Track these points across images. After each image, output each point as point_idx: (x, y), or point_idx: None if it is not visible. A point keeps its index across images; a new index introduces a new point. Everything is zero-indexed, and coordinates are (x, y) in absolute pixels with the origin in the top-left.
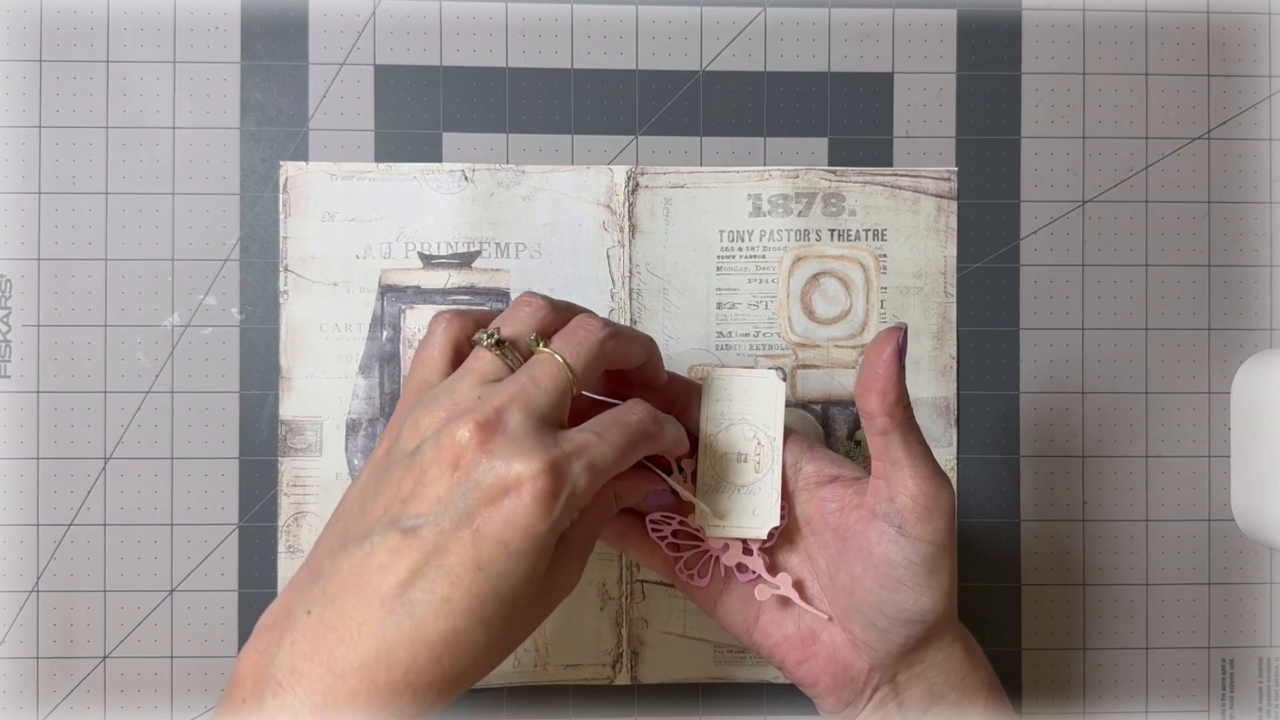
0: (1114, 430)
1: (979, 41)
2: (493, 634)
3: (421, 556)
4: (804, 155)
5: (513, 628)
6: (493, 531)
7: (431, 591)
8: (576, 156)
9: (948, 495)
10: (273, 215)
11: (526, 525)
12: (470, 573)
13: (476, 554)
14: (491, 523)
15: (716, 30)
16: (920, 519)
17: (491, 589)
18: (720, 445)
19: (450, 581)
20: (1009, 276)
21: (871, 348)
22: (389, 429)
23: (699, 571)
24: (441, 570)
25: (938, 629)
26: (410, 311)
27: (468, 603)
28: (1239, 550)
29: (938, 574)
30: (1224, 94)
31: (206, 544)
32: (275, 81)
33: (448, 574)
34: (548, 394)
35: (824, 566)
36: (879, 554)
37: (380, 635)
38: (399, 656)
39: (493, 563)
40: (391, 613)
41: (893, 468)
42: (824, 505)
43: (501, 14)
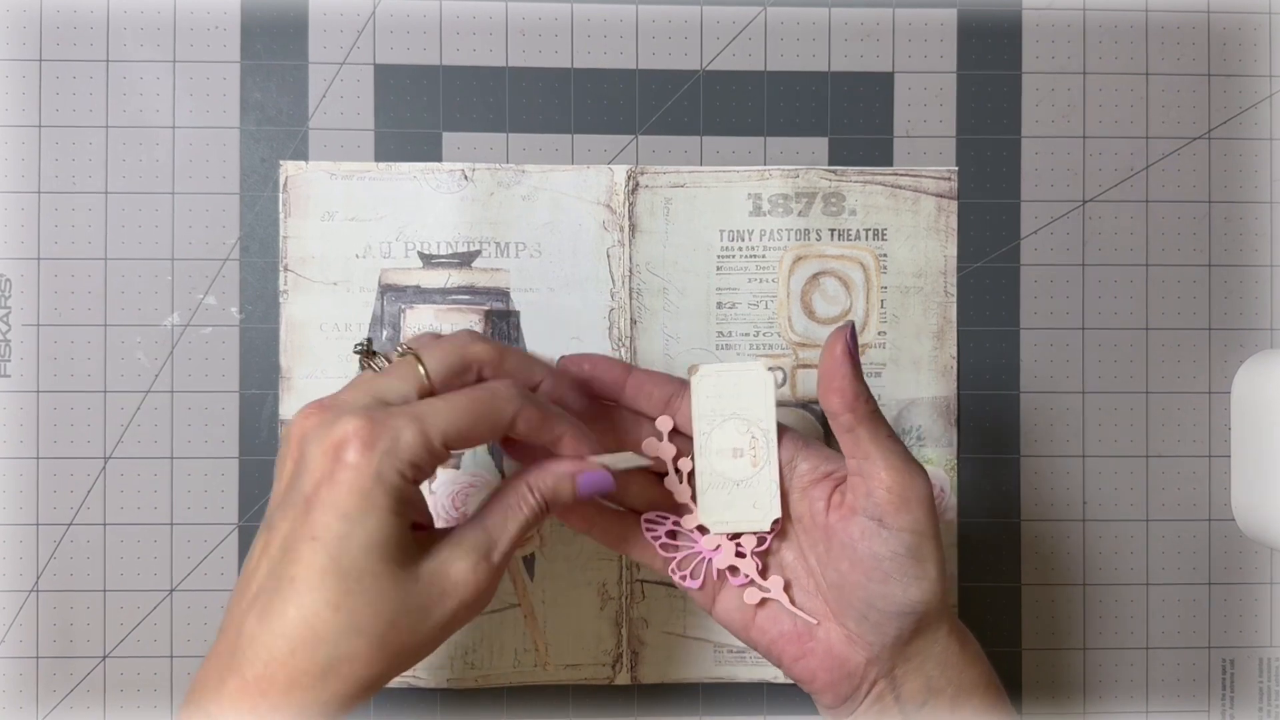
0: (1114, 430)
1: (979, 41)
2: (347, 619)
3: (272, 544)
4: (804, 155)
5: (374, 617)
6: (324, 498)
7: (278, 576)
8: (576, 156)
9: (922, 483)
10: (272, 215)
11: (351, 482)
12: (306, 544)
13: (310, 524)
14: (321, 491)
15: (716, 30)
16: (898, 509)
17: (329, 559)
18: (715, 443)
19: (290, 559)
20: (1009, 276)
21: (824, 350)
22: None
23: (692, 573)
24: (283, 550)
25: (931, 619)
26: (410, 311)
27: (309, 578)
28: (1239, 550)
29: (923, 563)
30: (1224, 94)
31: (206, 544)
32: (275, 81)
33: (287, 552)
34: (393, 382)
35: (815, 564)
36: (863, 549)
37: (239, 633)
38: (255, 652)
39: (325, 529)
40: (250, 608)
41: (865, 462)
42: (814, 504)
43: (501, 13)
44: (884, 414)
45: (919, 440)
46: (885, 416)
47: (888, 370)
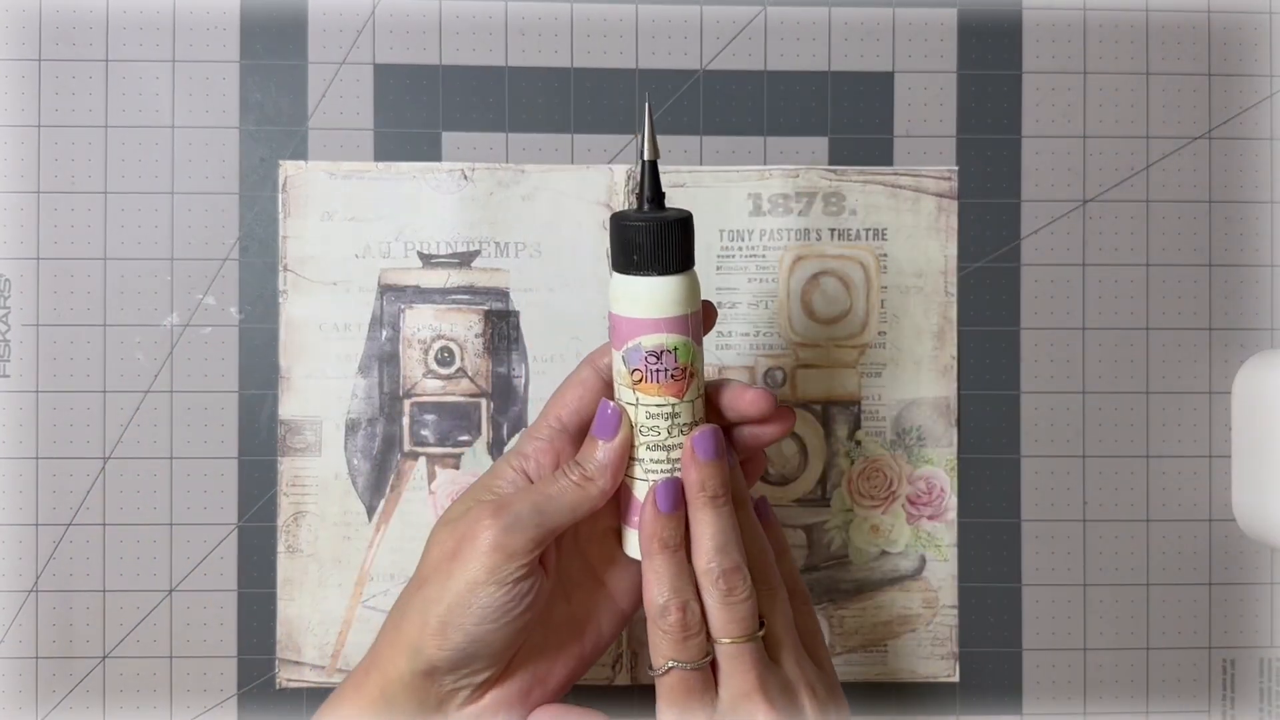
0: (1114, 430)
1: (979, 41)
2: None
3: None
4: (804, 154)
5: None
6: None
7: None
8: (576, 156)
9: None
10: (272, 214)
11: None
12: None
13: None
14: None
15: (716, 30)
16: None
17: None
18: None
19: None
20: (1009, 276)
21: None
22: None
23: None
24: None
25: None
26: (410, 311)
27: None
28: (1240, 550)
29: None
30: (1224, 94)
31: (206, 544)
32: (274, 81)
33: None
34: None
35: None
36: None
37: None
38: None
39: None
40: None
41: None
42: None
43: (501, 13)
44: (883, 414)
45: (919, 440)
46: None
47: (888, 370)
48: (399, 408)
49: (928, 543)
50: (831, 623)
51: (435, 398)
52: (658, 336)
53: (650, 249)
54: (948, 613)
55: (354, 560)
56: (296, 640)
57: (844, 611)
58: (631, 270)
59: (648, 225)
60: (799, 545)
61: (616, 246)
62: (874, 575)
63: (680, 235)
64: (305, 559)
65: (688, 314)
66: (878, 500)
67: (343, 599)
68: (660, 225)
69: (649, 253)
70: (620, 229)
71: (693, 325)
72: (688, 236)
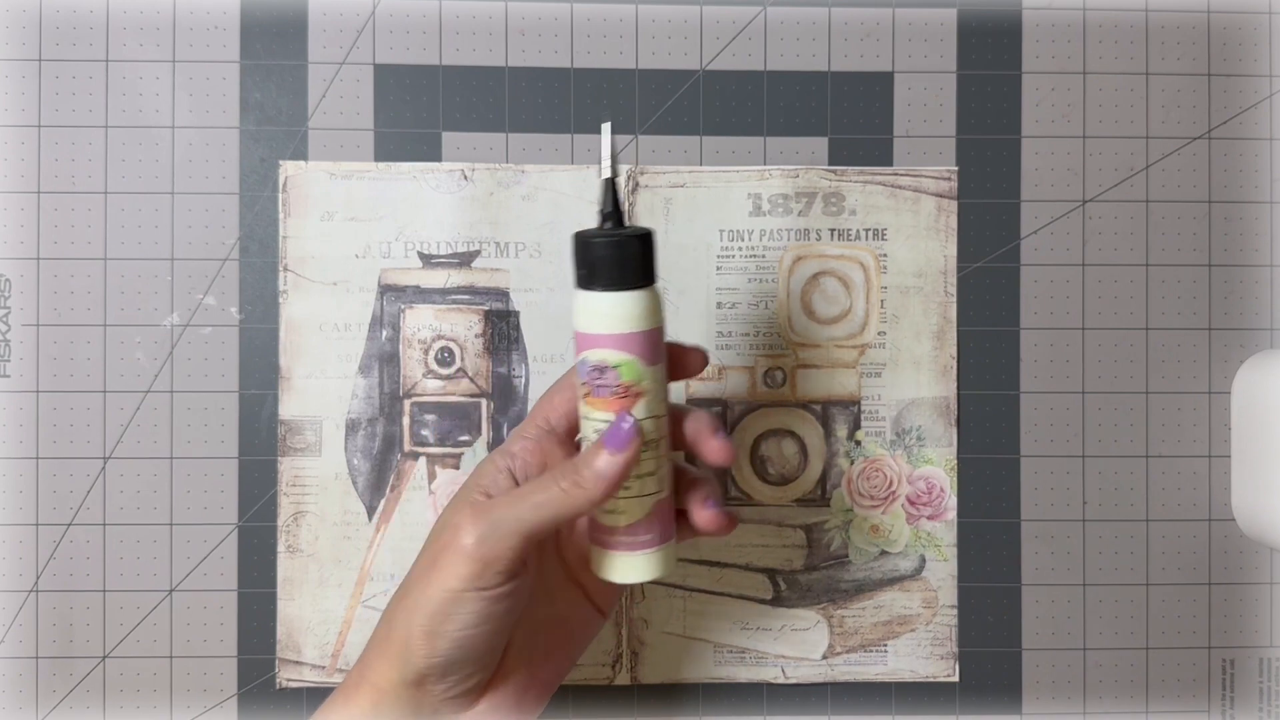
0: (1114, 430)
1: (979, 41)
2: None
3: None
4: (804, 155)
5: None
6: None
7: None
8: (576, 156)
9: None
10: (272, 215)
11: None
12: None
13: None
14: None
15: (716, 30)
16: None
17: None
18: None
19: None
20: (1009, 276)
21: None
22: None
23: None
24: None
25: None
26: (410, 311)
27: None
28: (1239, 550)
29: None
30: (1224, 94)
31: (206, 544)
32: (274, 81)
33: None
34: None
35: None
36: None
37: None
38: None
39: None
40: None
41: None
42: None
43: (501, 13)
44: (883, 414)
45: (919, 440)
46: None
47: (888, 370)
48: (399, 408)
49: (927, 543)
50: (831, 623)
51: (435, 398)
52: (600, 351)
53: (596, 265)
54: (947, 613)
55: (354, 560)
56: (297, 640)
57: (844, 611)
58: (580, 285)
59: (597, 241)
60: (799, 545)
61: (573, 261)
62: (874, 575)
63: (623, 253)
64: (305, 559)
65: (635, 332)
66: (878, 500)
67: (343, 599)
68: (609, 242)
69: (595, 268)
70: (574, 244)
71: (642, 344)
72: (636, 254)
